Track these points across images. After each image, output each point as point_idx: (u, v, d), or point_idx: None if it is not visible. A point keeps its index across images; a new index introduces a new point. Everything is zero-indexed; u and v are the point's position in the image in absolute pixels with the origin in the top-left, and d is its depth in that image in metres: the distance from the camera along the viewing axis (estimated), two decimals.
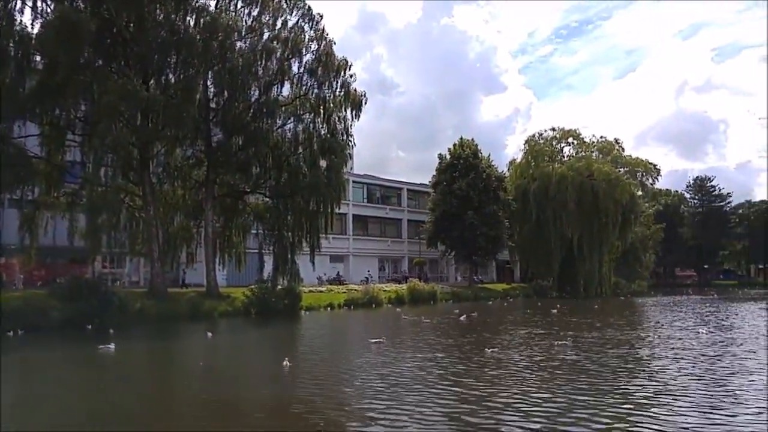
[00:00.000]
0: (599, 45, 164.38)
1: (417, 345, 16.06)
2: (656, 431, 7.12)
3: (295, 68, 29.88)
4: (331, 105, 30.38)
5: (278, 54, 28.92)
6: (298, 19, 29.79)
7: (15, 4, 23.45)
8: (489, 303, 40.05)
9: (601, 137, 57.52)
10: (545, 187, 50.46)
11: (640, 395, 9.25)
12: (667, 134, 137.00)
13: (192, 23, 26.45)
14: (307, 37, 29.71)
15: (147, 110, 25.04)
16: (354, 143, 32.14)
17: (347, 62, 30.32)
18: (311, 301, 31.39)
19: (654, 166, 60.60)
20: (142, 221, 28.60)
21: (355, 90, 30.56)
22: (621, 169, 55.31)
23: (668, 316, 26.16)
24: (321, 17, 29.95)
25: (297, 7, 29.76)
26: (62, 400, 9.81)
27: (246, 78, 27.73)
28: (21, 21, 23.63)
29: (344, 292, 35.93)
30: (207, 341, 18.40)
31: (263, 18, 29.14)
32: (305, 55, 29.81)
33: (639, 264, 62.92)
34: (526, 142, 56.46)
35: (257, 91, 29.13)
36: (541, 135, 56.58)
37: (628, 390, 9.67)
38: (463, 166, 46.73)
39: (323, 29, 29.93)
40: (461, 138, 49.47)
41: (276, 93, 29.71)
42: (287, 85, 30.32)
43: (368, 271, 50.77)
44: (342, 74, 30.22)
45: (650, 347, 15.04)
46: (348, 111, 30.69)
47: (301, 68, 29.90)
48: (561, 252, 50.63)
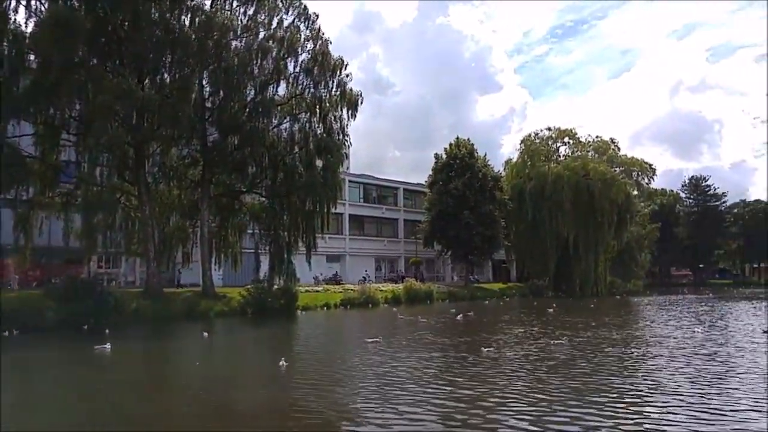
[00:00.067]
0: (594, 45, 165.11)
1: (413, 344, 16.07)
2: (650, 430, 7.14)
3: (291, 68, 29.86)
4: (327, 104, 30.37)
5: (274, 53, 28.86)
6: (294, 19, 29.82)
7: (9, 3, 23.27)
8: (485, 302, 40.10)
9: (597, 137, 57.82)
10: (541, 187, 50.61)
11: (635, 394, 9.30)
12: (662, 134, 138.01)
13: (187, 22, 26.38)
14: (303, 37, 29.70)
15: (142, 109, 24.92)
16: (350, 143, 32.41)
17: (343, 62, 30.33)
18: (308, 301, 31.34)
19: (649, 166, 60.89)
20: (138, 221, 28.55)
21: (351, 89, 30.58)
22: (616, 169, 55.50)
23: (663, 315, 26.26)
24: (317, 17, 30.00)
25: (293, 7, 29.75)
26: (60, 401, 9.78)
27: (241, 77, 27.61)
28: (15, 20, 23.48)
29: (341, 292, 35.85)
30: (203, 341, 18.36)
31: (259, 17, 29.14)
32: (301, 55, 29.84)
33: (635, 263, 63.12)
34: (522, 142, 56.67)
35: (253, 91, 29.02)
36: (537, 134, 56.83)
37: (624, 389, 9.71)
38: (459, 166, 46.76)
39: (319, 29, 29.96)
40: (457, 138, 49.49)
41: (272, 92, 29.63)
42: (283, 85, 30.32)
43: (365, 271, 50.81)
44: (338, 74, 30.22)
45: (645, 346, 15.10)
46: (344, 110, 30.69)
47: (297, 68, 29.89)
48: (557, 251, 50.80)
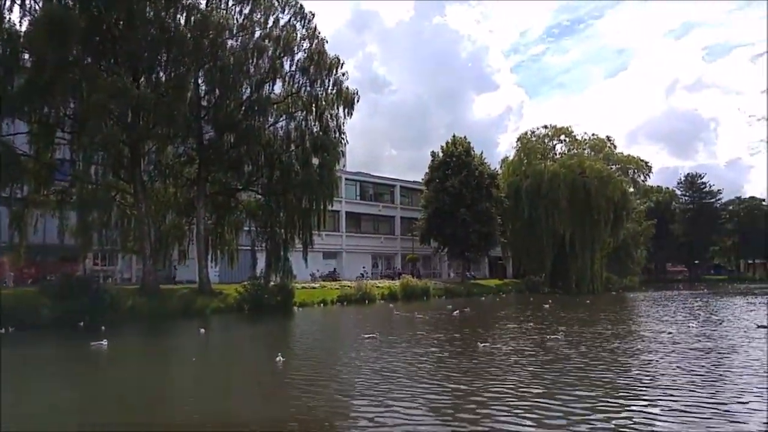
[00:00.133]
0: (591, 44, 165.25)
1: (410, 340, 16.13)
2: (646, 424, 7.21)
3: (287, 66, 29.85)
4: (324, 103, 30.35)
5: (270, 52, 28.85)
6: (290, 17, 29.80)
7: (3, 2, 23.20)
8: (482, 299, 40.22)
9: (593, 135, 57.83)
10: (537, 185, 50.70)
11: (630, 389, 9.37)
12: (659, 132, 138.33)
13: (182, 21, 26.32)
14: (299, 36, 29.68)
15: (137, 108, 24.85)
16: (346, 141, 32.39)
17: (339, 60, 30.34)
18: (304, 298, 31.39)
19: (645, 164, 60.94)
20: (134, 219, 28.53)
21: (348, 88, 30.60)
22: (613, 167, 55.58)
23: (659, 311, 26.40)
24: (313, 15, 30.00)
25: (289, 5, 29.73)
26: (59, 399, 9.76)
27: (237, 76, 27.60)
28: (9, 18, 23.44)
29: (337, 289, 35.90)
30: (200, 338, 18.40)
31: (255, 16, 29.08)
32: (297, 53, 29.80)
33: (630, 260, 63.36)
34: (519, 140, 56.71)
35: (249, 89, 29.04)
36: (534, 133, 56.85)
37: (619, 384, 9.79)
38: (456, 164, 46.78)
39: (315, 27, 29.97)
40: (454, 136, 49.45)
41: (268, 91, 29.63)
42: (279, 83, 30.29)
43: (363, 268, 50.89)
44: (334, 72, 30.22)
45: (641, 341, 15.19)
46: (340, 109, 30.71)
47: (293, 66, 29.86)
48: (553, 248, 50.93)
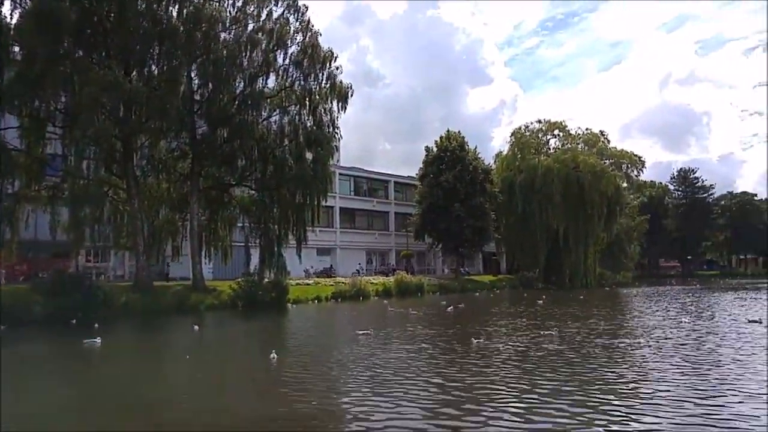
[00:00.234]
0: (585, 37, 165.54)
1: (404, 337, 16.12)
2: (637, 420, 7.23)
3: (281, 60, 29.75)
4: (317, 97, 30.21)
5: (263, 45, 28.67)
6: (284, 11, 29.62)
7: None
8: (476, 294, 40.29)
9: (587, 129, 58.13)
10: (531, 179, 50.83)
11: (623, 384, 9.39)
12: (652, 126, 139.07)
13: (175, 13, 26.14)
14: (293, 29, 29.52)
15: (130, 102, 24.65)
16: (340, 135, 32.32)
17: (333, 54, 30.16)
18: (298, 294, 31.30)
19: (639, 158, 61.36)
20: (127, 214, 28.34)
21: (341, 82, 30.46)
22: (606, 161, 55.86)
23: (652, 306, 26.53)
24: (306, 8, 29.86)
25: None
26: (55, 396, 9.66)
27: (230, 69, 27.41)
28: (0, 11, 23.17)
29: (332, 285, 35.87)
30: (194, 334, 18.30)
31: (248, 9, 28.90)
32: (290, 47, 29.71)
33: (624, 255, 63.70)
34: (513, 135, 56.86)
35: (242, 83, 28.83)
36: (527, 127, 57.00)
37: (611, 379, 9.80)
38: (450, 159, 46.82)
39: (309, 20, 29.81)
40: (448, 130, 49.53)
41: (261, 85, 29.45)
42: (272, 77, 30.21)
43: (359, 264, 50.87)
44: (328, 66, 30.06)
45: (633, 337, 15.24)
46: (334, 103, 30.56)
47: (287, 60, 29.75)
48: (547, 244, 51.13)
